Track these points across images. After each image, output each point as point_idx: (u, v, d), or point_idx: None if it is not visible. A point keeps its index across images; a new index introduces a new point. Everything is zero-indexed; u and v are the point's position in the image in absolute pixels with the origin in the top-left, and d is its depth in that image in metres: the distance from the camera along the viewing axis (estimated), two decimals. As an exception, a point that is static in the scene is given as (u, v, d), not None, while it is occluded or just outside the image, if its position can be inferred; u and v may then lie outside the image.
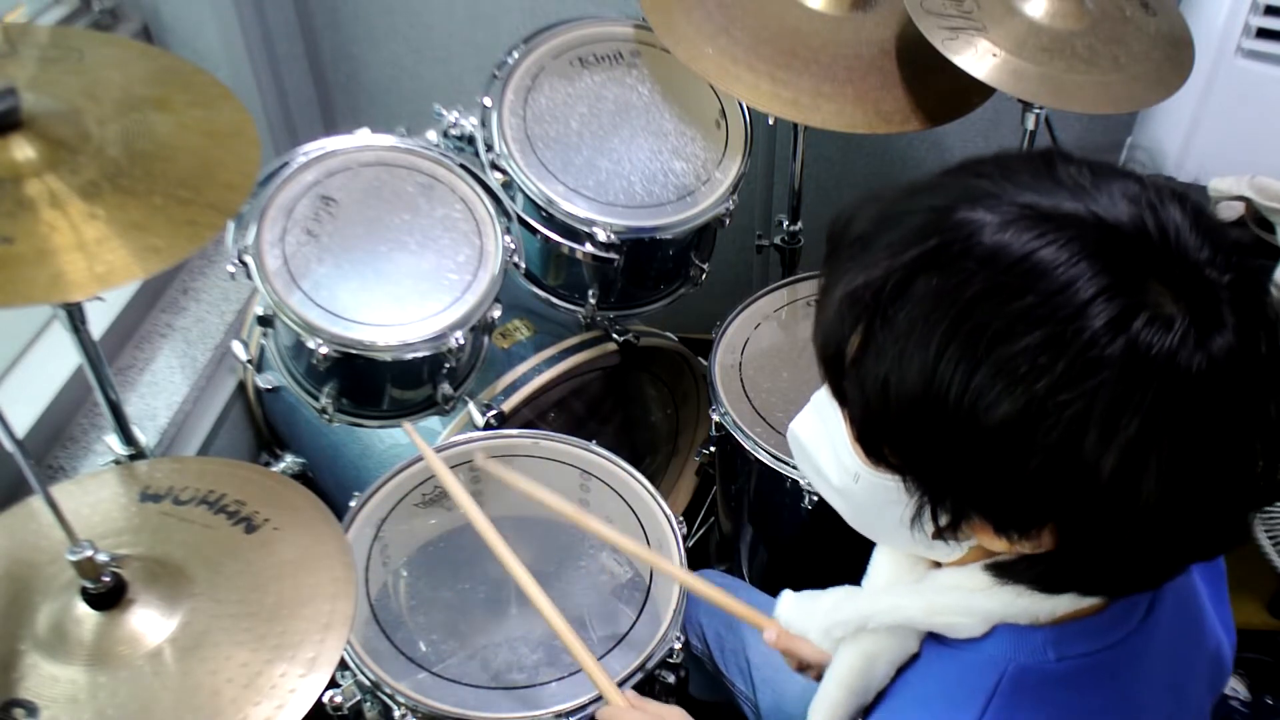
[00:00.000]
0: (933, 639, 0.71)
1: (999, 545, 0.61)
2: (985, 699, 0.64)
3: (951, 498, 0.59)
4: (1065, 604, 0.65)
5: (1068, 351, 0.51)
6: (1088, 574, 0.61)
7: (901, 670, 0.74)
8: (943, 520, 0.60)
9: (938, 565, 0.72)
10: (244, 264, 1.18)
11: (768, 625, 0.94)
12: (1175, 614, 0.72)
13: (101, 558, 0.83)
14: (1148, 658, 0.69)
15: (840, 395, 0.63)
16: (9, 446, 0.81)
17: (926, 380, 0.54)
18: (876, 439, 0.61)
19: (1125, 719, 0.67)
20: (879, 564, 0.78)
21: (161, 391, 1.45)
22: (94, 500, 0.97)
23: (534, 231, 1.37)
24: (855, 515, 0.71)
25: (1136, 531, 0.55)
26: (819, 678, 0.82)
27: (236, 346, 1.43)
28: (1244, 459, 0.55)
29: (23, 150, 0.81)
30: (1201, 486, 0.54)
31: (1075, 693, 0.65)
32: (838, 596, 0.78)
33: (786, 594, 0.86)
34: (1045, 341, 0.52)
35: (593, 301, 1.44)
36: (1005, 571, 0.63)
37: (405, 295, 1.24)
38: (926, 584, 0.71)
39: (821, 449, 0.69)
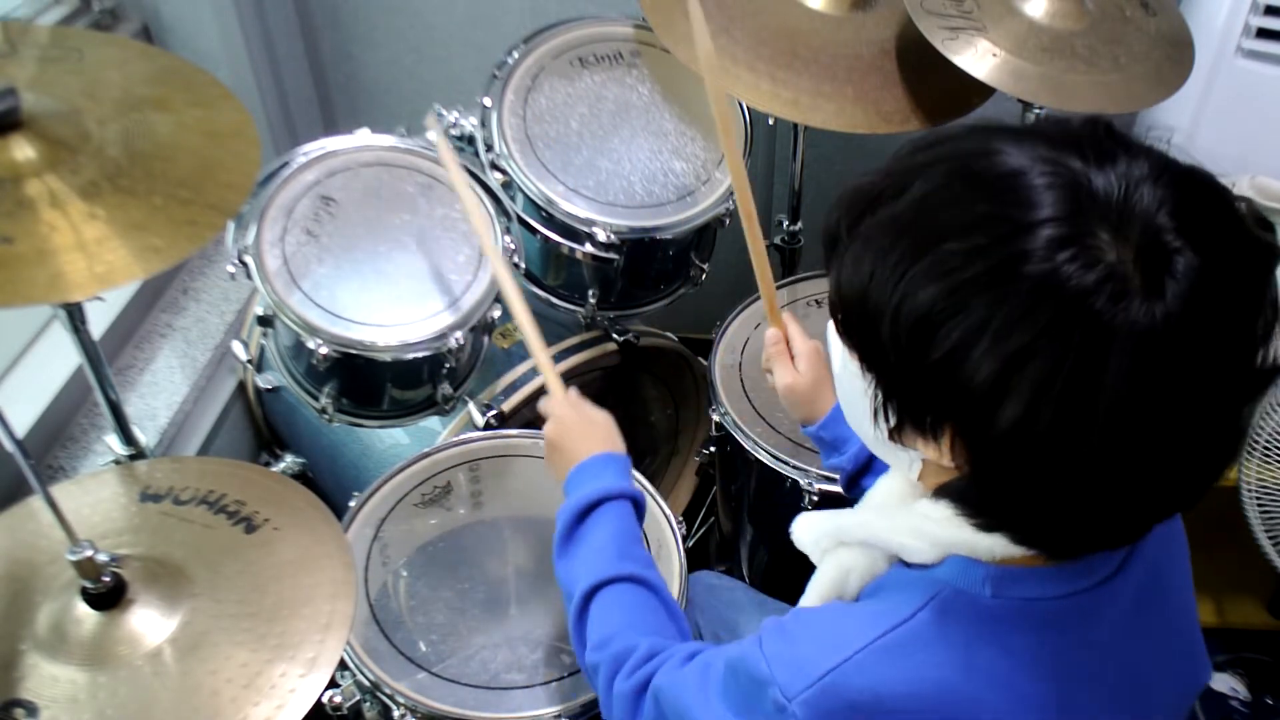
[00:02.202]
0: (899, 563, 0.74)
1: (930, 453, 0.64)
2: (914, 610, 0.67)
3: (884, 390, 0.64)
4: (1007, 549, 0.67)
5: (995, 256, 0.56)
6: (996, 508, 0.64)
7: None
8: (892, 418, 0.65)
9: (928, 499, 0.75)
10: (244, 264, 1.18)
11: (775, 324, 1.09)
12: (1147, 589, 0.72)
13: (101, 558, 0.83)
14: (1100, 621, 0.69)
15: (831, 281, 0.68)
16: (9, 446, 0.81)
17: (874, 268, 0.60)
18: (841, 322, 0.67)
19: (1047, 670, 0.68)
20: (877, 489, 0.81)
21: (161, 391, 1.45)
22: (94, 500, 0.97)
23: (534, 231, 1.37)
24: (845, 407, 0.76)
25: (1011, 459, 0.58)
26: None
27: (236, 346, 1.43)
28: (1175, 427, 0.56)
29: (23, 150, 0.82)
30: (1100, 439, 0.55)
31: (1000, 629, 0.67)
32: (831, 514, 0.82)
33: (805, 514, 0.91)
34: (982, 245, 0.56)
35: (593, 301, 1.44)
36: (942, 492, 0.67)
37: (405, 295, 1.24)
38: (902, 509, 0.74)
39: (835, 341, 0.74)
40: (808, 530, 0.83)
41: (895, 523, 0.73)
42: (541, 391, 1.40)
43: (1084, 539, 0.65)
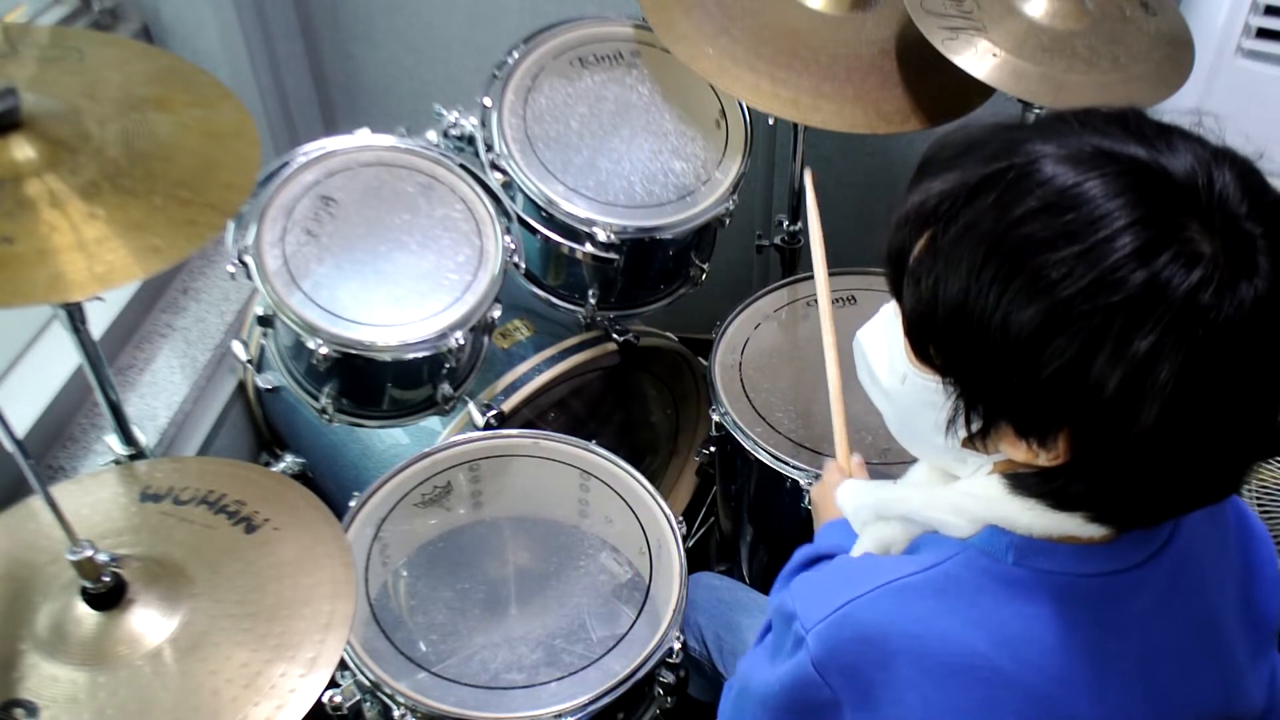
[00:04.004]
0: (934, 534, 0.75)
1: (1021, 454, 0.65)
2: (934, 562, 0.70)
3: (984, 402, 0.64)
4: (1044, 522, 0.68)
5: (1095, 268, 0.56)
6: (1093, 495, 0.64)
7: None
8: (975, 425, 0.66)
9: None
10: (244, 264, 1.18)
11: (844, 462, 1.09)
12: (1172, 595, 0.72)
13: (101, 558, 0.83)
14: (1120, 609, 0.70)
15: (898, 295, 0.68)
16: (9, 446, 0.81)
17: (968, 285, 0.60)
18: (924, 339, 0.66)
19: (1058, 642, 0.68)
20: (918, 468, 0.82)
21: (161, 391, 1.45)
22: (94, 500, 0.97)
23: (534, 231, 1.37)
24: (898, 418, 0.76)
25: (1136, 455, 0.59)
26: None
27: (236, 346, 1.43)
28: (1256, 406, 0.59)
29: (23, 150, 0.81)
30: (1206, 425, 0.58)
31: (1016, 593, 0.68)
32: (874, 485, 0.84)
33: (850, 480, 0.95)
34: (1076, 256, 0.56)
35: (593, 301, 1.44)
36: (1020, 483, 0.67)
37: (405, 295, 1.24)
38: (941, 488, 0.75)
39: (879, 352, 0.76)
40: (850, 498, 0.86)
41: (935, 498, 0.74)
42: (542, 392, 1.41)
43: (1160, 510, 0.66)
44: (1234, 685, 0.78)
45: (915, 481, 0.81)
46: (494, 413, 1.35)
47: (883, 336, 0.76)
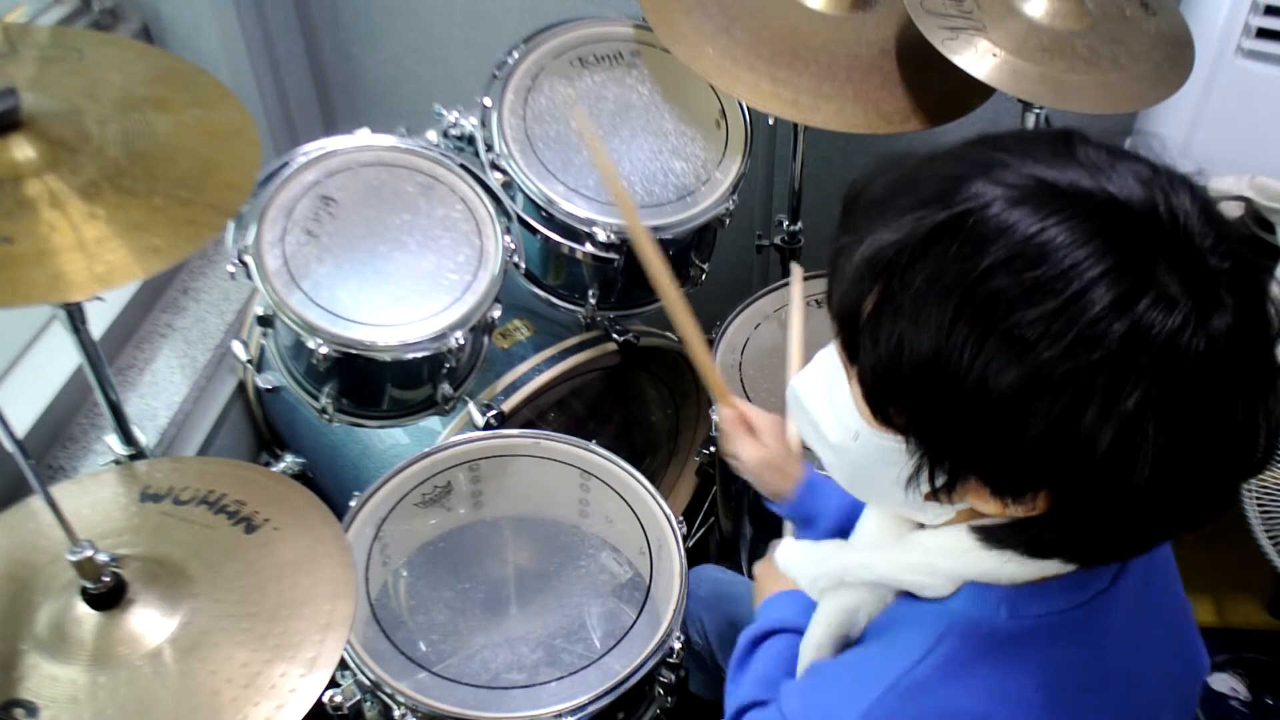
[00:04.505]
0: (906, 594, 0.73)
1: (991, 508, 0.63)
2: (933, 643, 0.66)
3: (951, 459, 0.61)
4: (1027, 570, 0.66)
5: (1076, 324, 0.53)
6: (1076, 541, 0.62)
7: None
8: (939, 481, 0.62)
9: (921, 527, 0.73)
10: (244, 264, 1.18)
11: (726, 404, 1.04)
12: (1141, 589, 0.73)
13: (101, 558, 0.83)
14: (1107, 628, 0.69)
15: (852, 353, 0.64)
16: (9, 446, 0.81)
17: (938, 345, 0.56)
18: (884, 398, 0.62)
19: (1070, 683, 0.68)
20: (867, 521, 0.80)
21: (161, 391, 1.45)
22: (94, 500, 0.97)
23: (534, 231, 1.37)
24: (849, 473, 0.72)
25: (1130, 503, 0.57)
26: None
27: (236, 346, 1.43)
28: (1233, 434, 0.57)
29: (23, 150, 0.81)
30: (1194, 461, 0.56)
31: (1019, 648, 0.67)
32: (826, 550, 0.80)
33: (788, 541, 0.89)
34: (1054, 312, 0.53)
35: (593, 301, 1.44)
36: (993, 536, 0.65)
37: (405, 295, 1.24)
38: (903, 544, 0.73)
39: (821, 406, 0.71)
40: (800, 568, 0.82)
41: (902, 559, 0.71)
42: (542, 392, 1.41)
43: (1137, 540, 0.64)
44: (1198, 647, 0.81)
45: (869, 540, 0.78)
46: (494, 413, 1.35)
47: (823, 389, 0.71)
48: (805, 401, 0.73)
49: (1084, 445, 0.54)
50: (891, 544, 0.74)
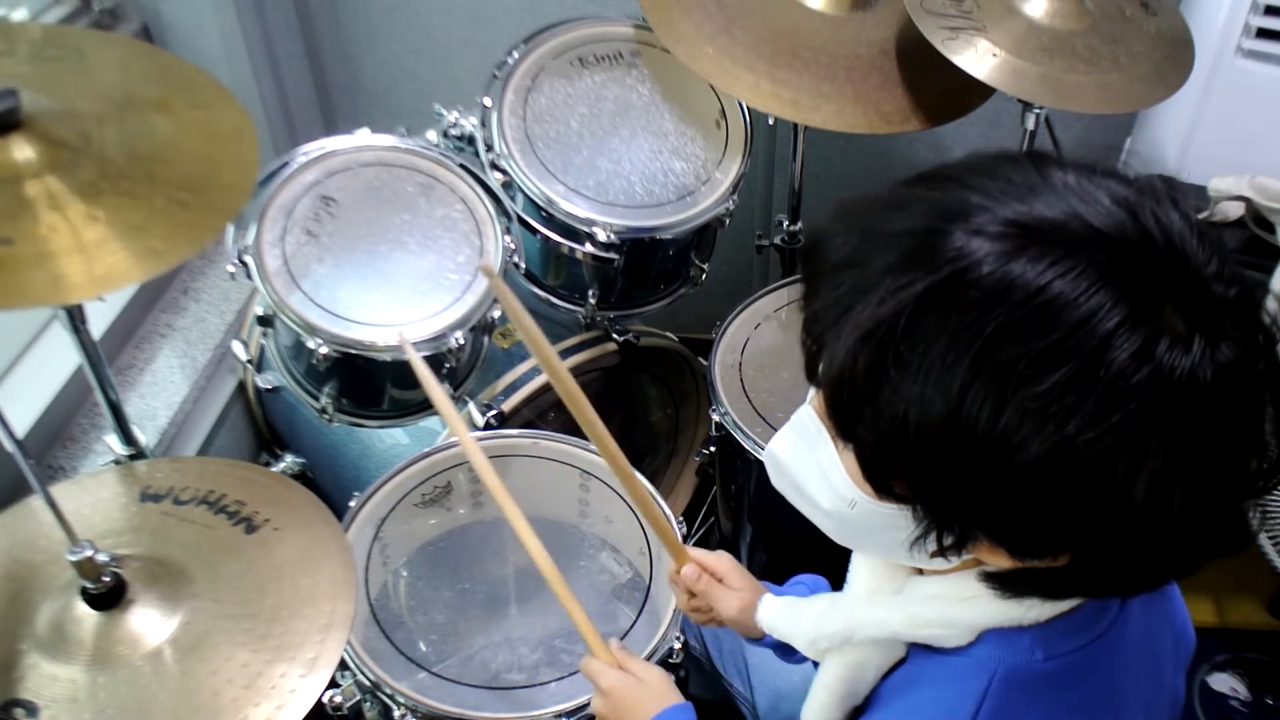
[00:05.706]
0: (918, 646, 0.71)
1: (1005, 562, 0.61)
2: (977, 701, 0.64)
3: (964, 523, 0.59)
4: (1050, 609, 0.65)
5: (1096, 387, 0.51)
6: (1098, 582, 0.61)
7: (889, 673, 0.74)
8: (948, 540, 0.60)
9: (918, 571, 0.72)
10: (244, 264, 1.19)
11: (684, 560, 0.96)
12: (1146, 599, 0.73)
13: (101, 558, 0.83)
14: (1126, 647, 0.69)
15: (844, 427, 0.61)
16: (9, 446, 0.81)
17: (951, 418, 0.53)
18: (887, 472, 0.59)
19: (1109, 709, 0.68)
20: (858, 570, 0.77)
21: (161, 391, 1.45)
22: (94, 500, 0.97)
23: (534, 231, 1.37)
24: (845, 535, 0.69)
25: (1159, 543, 0.56)
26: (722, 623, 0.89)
27: (236, 346, 1.44)
28: (1244, 460, 0.56)
29: (23, 150, 0.81)
30: (1216, 494, 0.55)
31: (1063, 689, 0.66)
32: (821, 607, 0.77)
33: (768, 598, 0.86)
34: (1072, 378, 0.51)
35: (593, 301, 1.44)
36: (1009, 585, 0.63)
37: (405, 295, 1.24)
38: (909, 593, 0.71)
39: (808, 473, 0.67)
40: (795, 630, 0.79)
41: (917, 614, 0.68)
42: (542, 392, 1.41)
43: (1162, 573, 0.63)
44: (1185, 626, 0.81)
45: (866, 591, 0.75)
46: (494, 413, 1.35)
47: (809, 456, 0.67)
48: (788, 466, 0.69)
49: (1116, 500, 0.53)
50: (893, 594, 0.72)
